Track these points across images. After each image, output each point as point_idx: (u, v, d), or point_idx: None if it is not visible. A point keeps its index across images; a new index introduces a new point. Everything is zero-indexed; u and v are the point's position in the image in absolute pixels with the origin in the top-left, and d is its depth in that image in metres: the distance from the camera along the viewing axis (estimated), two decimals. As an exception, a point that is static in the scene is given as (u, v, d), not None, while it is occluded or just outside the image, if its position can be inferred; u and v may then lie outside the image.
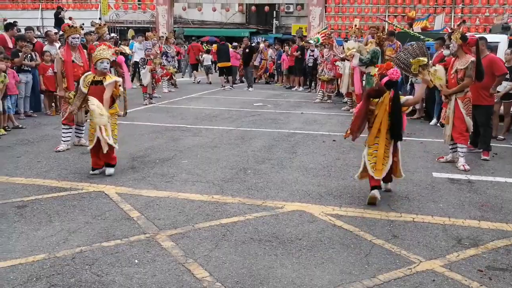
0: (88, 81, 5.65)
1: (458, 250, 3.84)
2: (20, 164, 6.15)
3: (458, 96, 6.39)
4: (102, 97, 5.46)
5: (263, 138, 8.11)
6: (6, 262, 3.44)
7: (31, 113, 9.89)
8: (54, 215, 4.38)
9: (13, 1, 23.85)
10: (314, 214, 4.55)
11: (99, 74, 5.63)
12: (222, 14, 32.00)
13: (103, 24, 10.37)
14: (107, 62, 5.60)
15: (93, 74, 5.68)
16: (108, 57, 5.66)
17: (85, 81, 5.68)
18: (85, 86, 5.66)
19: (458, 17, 20.24)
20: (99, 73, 5.63)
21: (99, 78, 5.62)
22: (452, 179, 5.89)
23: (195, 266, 3.44)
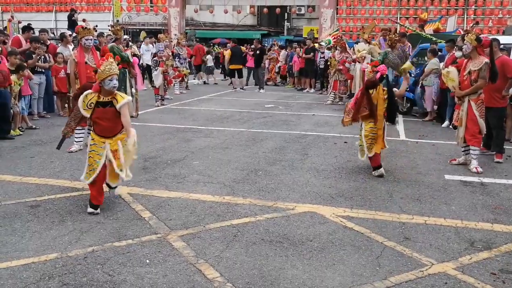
0: (91, 102, 4.41)
1: (470, 253, 3.80)
2: (34, 164, 6.22)
3: (472, 98, 6.33)
4: (113, 120, 4.48)
5: (274, 139, 8.11)
6: (19, 261, 3.48)
7: (44, 114, 10.01)
8: (67, 215, 4.43)
9: (28, 4, 24.21)
10: (325, 215, 4.54)
11: (106, 94, 4.44)
12: (233, 16, 32.13)
13: (121, 26, 10.49)
14: (116, 79, 4.45)
15: (95, 93, 4.42)
16: (117, 72, 4.56)
17: (86, 102, 4.41)
18: (87, 108, 4.42)
19: (471, 18, 20.07)
20: (105, 93, 4.43)
21: (107, 99, 4.44)
22: (465, 182, 5.83)
23: (206, 267, 3.45)
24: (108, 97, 4.45)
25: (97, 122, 4.49)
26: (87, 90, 4.50)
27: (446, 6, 20.41)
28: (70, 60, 7.18)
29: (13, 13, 19.48)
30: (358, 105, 5.92)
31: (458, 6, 20.38)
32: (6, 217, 4.34)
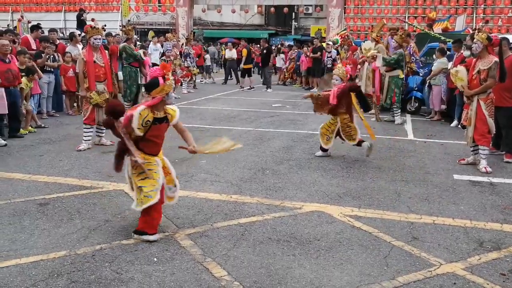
0: (147, 120, 3.87)
1: (479, 253, 3.77)
2: (43, 162, 6.27)
3: (481, 97, 6.28)
4: (164, 136, 4.14)
5: (281, 138, 8.10)
6: (28, 258, 3.51)
7: (53, 112, 10.09)
8: (75, 213, 4.46)
9: (37, 4, 24.40)
10: (332, 215, 4.53)
11: (160, 109, 3.96)
12: (241, 16, 32.15)
13: (132, 27, 10.57)
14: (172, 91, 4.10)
15: (148, 109, 3.86)
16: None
17: (141, 121, 3.84)
18: (142, 127, 3.86)
19: (480, 17, 19.90)
20: (160, 107, 3.96)
21: (161, 114, 4.00)
22: (474, 181, 5.78)
23: (214, 265, 3.46)
24: (161, 112, 3.99)
25: (151, 141, 3.94)
26: (120, 108, 3.89)
27: (455, 5, 20.25)
28: (79, 59, 7.22)
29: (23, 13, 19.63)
30: (338, 103, 6.63)
31: (467, 5, 20.22)
32: (15, 214, 4.38)
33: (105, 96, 6.99)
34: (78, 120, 8.77)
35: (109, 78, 7.11)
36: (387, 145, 7.79)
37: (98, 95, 6.92)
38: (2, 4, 24.71)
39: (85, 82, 6.96)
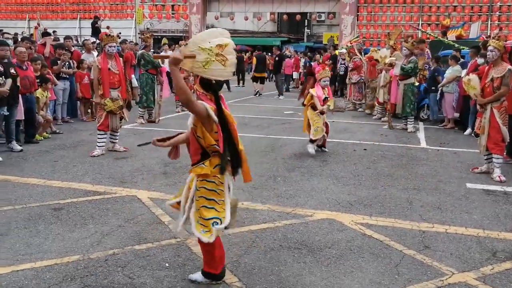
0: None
1: (492, 263, 3.74)
2: (57, 168, 6.37)
3: (494, 105, 6.23)
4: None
5: (293, 146, 8.11)
6: (42, 262, 3.57)
7: (68, 119, 10.24)
8: (89, 218, 4.52)
9: (53, 12, 24.85)
10: (344, 222, 4.52)
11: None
12: (254, 23, 32.31)
13: (150, 34, 10.72)
14: None
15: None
16: None
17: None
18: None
19: (495, 25, 19.72)
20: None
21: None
22: (487, 190, 5.72)
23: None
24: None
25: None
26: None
27: (469, 12, 20.10)
28: (94, 66, 7.34)
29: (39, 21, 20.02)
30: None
31: (481, 12, 20.05)
32: (30, 219, 4.46)
33: (119, 103, 7.08)
34: (92, 127, 8.89)
35: (123, 85, 7.21)
36: (400, 153, 7.75)
37: (112, 102, 7.02)
38: (19, 12, 25.21)
39: (100, 89, 7.07)
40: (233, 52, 3.11)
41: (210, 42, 3.04)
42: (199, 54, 3.04)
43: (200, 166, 3.15)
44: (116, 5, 24.21)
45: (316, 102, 7.30)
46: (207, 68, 3.06)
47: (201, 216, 3.16)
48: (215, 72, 3.09)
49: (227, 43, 3.09)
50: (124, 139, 8.00)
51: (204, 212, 3.15)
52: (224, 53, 3.07)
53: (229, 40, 3.11)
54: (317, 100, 7.28)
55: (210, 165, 3.14)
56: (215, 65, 3.06)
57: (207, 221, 3.14)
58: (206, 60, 3.05)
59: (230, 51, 3.09)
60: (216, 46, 3.04)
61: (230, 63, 3.10)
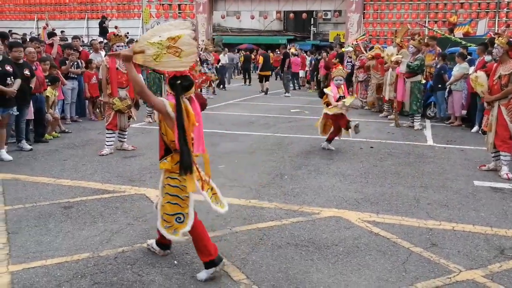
0: None
1: (500, 260, 3.73)
2: (67, 166, 6.44)
3: (502, 103, 6.21)
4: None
5: (300, 144, 8.13)
6: (53, 260, 3.62)
7: (76, 118, 10.33)
8: (98, 216, 4.57)
9: (61, 12, 25.01)
10: (351, 220, 4.54)
11: None
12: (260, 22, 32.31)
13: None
14: None
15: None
16: None
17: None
18: None
19: (503, 21, 19.54)
20: None
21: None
22: (495, 188, 5.71)
23: (233, 269, 3.51)
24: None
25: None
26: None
27: (477, 9, 19.94)
28: (102, 66, 7.41)
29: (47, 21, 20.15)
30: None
31: (489, 8, 19.88)
32: (41, 217, 4.52)
33: (127, 102, 7.14)
34: (100, 126, 8.97)
35: (131, 85, 7.25)
36: (406, 150, 7.75)
37: (120, 101, 7.08)
38: (28, 12, 25.40)
39: (108, 88, 7.13)
40: (191, 42, 3.19)
41: (160, 36, 3.15)
42: (149, 49, 3.16)
43: (163, 162, 3.35)
44: (123, 5, 24.30)
45: (330, 99, 7.31)
46: (158, 61, 3.20)
47: (165, 212, 3.32)
48: (168, 64, 3.23)
49: (180, 34, 3.17)
50: (132, 138, 8.06)
51: (168, 208, 3.30)
52: (178, 44, 3.16)
53: (183, 32, 3.18)
54: (331, 98, 7.29)
55: (172, 161, 3.30)
56: (167, 57, 3.18)
57: (171, 216, 3.30)
58: (157, 53, 3.17)
59: (185, 42, 3.18)
60: (166, 39, 3.14)
61: (186, 53, 3.18)
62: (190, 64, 3.30)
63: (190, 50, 3.21)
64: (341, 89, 7.49)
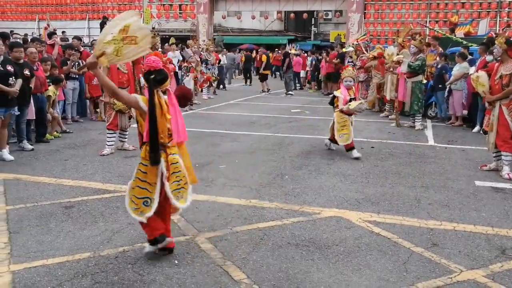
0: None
1: (502, 260, 3.73)
2: (68, 166, 6.45)
3: (503, 103, 6.20)
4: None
5: (300, 144, 8.13)
6: (54, 259, 3.63)
7: (77, 118, 10.34)
8: (99, 215, 4.58)
9: (62, 12, 25.07)
10: (351, 220, 4.54)
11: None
12: (260, 22, 32.31)
13: (156, 34, 10.76)
14: None
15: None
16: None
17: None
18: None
19: (504, 21, 19.54)
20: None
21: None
22: (496, 188, 5.70)
23: (233, 268, 3.51)
24: None
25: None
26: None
27: (478, 9, 19.93)
28: (103, 66, 7.39)
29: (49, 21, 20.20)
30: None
31: (490, 8, 19.88)
32: (42, 217, 4.53)
33: (127, 102, 7.13)
34: (101, 126, 8.98)
35: (132, 85, 7.27)
36: (407, 150, 7.74)
37: (121, 101, 7.07)
38: (29, 13, 25.46)
39: (109, 88, 7.12)
40: (141, 27, 3.49)
41: (112, 33, 3.37)
42: (107, 48, 3.38)
43: (142, 149, 3.65)
44: (124, 5, 24.39)
45: (340, 102, 7.14)
46: (120, 55, 3.45)
47: (134, 194, 3.56)
48: (130, 54, 3.51)
49: (128, 23, 3.41)
50: (133, 138, 8.05)
51: (137, 191, 3.55)
52: (130, 33, 3.40)
53: (130, 20, 3.43)
54: (341, 100, 7.10)
55: (145, 150, 3.54)
56: (126, 48, 3.43)
57: (139, 200, 3.53)
58: (116, 49, 3.40)
59: (136, 29, 3.43)
60: (119, 33, 3.37)
61: (142, 38, 3.44)
62: (148, 46, 3.59)
63: (143, 33, 3.47)
64: (352, 91, 7.30)
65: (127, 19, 3.45)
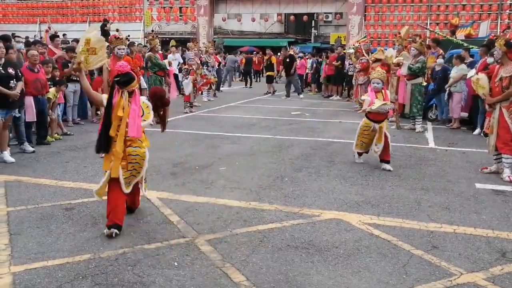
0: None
1: (502, 263, 3.72)
2: (68, 168, 6.46)
3: (503, 105, 6.21)
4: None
5: (300, 146, 8.14)
6: (55, 261, 3.64)
7: (78, 120, 10.35)
8: (99, 217, 4.58)
9: (63, 15, 25.13)
10: (351, 222, 4.54)
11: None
12: (261, 24, 32.37)
13: (155, 36, 10.80)
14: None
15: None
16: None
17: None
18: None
19: (505, 23, 19.53)
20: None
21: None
22: (497, 191, 5.70)
23: (233, 270, 3.51)
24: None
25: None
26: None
27: (479, 11, 19.91)
28: (104, 69, 7.44)
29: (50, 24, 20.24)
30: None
31: (491, 10, 19.86)
32: (43, 218, 4.54)
33: (128, 104, 7.16)
34: (102, 128, 8.98)
35: (132, 87, 7.28)
36: (408, 153, 7.74)
37: (121, 103, 7.10)
38: (31, 16, 25.51)
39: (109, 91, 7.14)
40: (99, 39, 4.55)
41: (81, 45, 4.43)
42: (81, 57, 4.43)
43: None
44: (125, 8, 24.40)
45: (365, 105, 6.50)
46: (88, 63, 4.52)
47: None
48: (94, 62, 4.60)
49: (88, 37, 4.46)
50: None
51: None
52: (91, 45, 4.45)
53: (90, 34, 4.51)
54: (367, 103, 6.45)
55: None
56: (91, 58, 4.48)
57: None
58: (85, 58, 4.46)
59: (95, 41, 4.49)
60: (84, 45, 4.41)
61: (99, 49, 4.51)
62: (105, 55, 4.72)
63: (100, 45, 4.55)
64: (381, 94, 6.54)
65: (89, 33, 4.52)
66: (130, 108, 4.08)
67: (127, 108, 4.09)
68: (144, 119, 4.24)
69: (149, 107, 4.31)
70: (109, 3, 24.80)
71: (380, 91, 6.59)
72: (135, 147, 4.23)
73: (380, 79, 6.54)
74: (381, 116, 6.51)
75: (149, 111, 4.30)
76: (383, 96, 6.54)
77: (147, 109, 4.30)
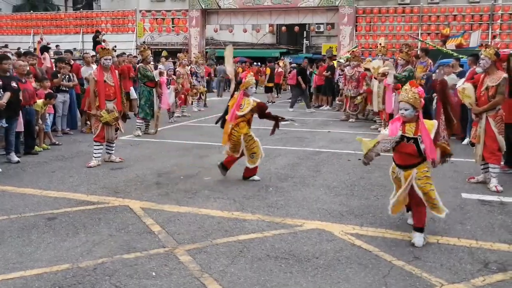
0: None
1: (484, 274, 3.69)
2: (54, 178, 6.42)
3: (489, 114, 6.18)
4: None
5: (288, 156, 8.13)
6: (32, 271, 3.60)
7: (67, 130, 10.31)
8: (81, 227, 4.55)
9: (57, 26, 25.20)
10: (333, 233, 4.52)
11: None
12: (253, 35, 32.50)
13: (147, 47, 10.82)
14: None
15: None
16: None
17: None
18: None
19: (496, 33, 19.70)
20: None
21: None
22: (483, 201, 5.67)
23: (210, 281, 3.48)
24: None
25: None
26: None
27: (470, 21, 20.07)
28: (90, 79, 7.45)
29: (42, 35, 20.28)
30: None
31: (482, 20, 20.03)
32: (24, 228, 4.50)
33: (114, 114, 7.15)
34: (90, 138, 8.90)
35: (119, 97, 7.30)
36: (395, 163, 7.73)
37: (108, 113, 7.09)
38: (25, 27, 25.56)
39: (96, 101, 7.14)
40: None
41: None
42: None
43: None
44: (118, 19, 24.49)
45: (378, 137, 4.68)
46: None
47: None
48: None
49: None
50: (120, 150, 8.05)
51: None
52: None
53: None
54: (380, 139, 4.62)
55: None
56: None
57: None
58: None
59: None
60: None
61: None
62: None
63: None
64: (411, 127, 4.29)
65: None
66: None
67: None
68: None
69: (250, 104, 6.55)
70: (102, 15, 24.90)
71: (414, 121, 4.27)
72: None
73: (410, 104, 4.17)
74: (407, 159, 4.54)
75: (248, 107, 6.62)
76: (413, 131, 4.32)
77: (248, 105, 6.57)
